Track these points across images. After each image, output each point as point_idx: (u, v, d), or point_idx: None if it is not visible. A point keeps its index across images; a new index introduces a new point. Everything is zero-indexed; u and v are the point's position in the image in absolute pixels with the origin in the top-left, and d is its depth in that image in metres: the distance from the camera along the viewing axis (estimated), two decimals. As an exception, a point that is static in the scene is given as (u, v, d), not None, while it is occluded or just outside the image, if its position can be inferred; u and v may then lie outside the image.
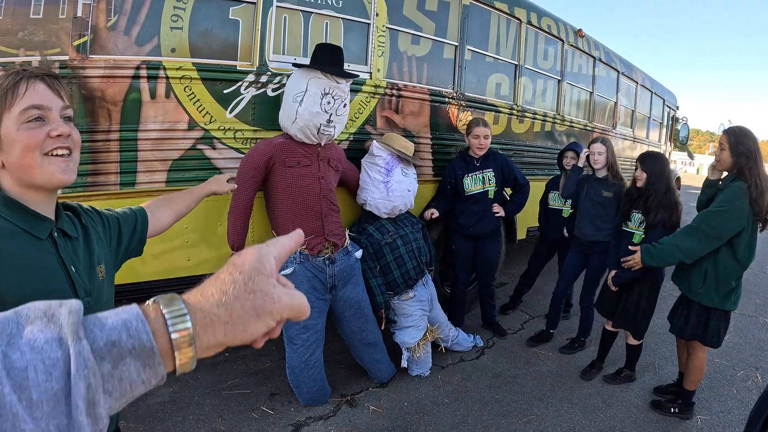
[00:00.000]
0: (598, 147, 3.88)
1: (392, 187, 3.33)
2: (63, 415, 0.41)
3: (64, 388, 0.42)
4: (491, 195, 3.94)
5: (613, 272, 3.45)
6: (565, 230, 4.45)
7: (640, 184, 3.30)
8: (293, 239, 0.59)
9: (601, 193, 3.87)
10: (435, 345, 3.85)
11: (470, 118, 4.12)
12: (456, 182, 3.90)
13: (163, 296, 0.50)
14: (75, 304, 0.47)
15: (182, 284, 3.14)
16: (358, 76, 3.21)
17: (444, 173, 3.95)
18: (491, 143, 3.88)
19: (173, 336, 0.48)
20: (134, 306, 0.49)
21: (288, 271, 2.85)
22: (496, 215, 4.01)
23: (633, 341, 3.53)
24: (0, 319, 0.43)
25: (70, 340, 0.43)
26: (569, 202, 4.39)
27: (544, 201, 4.74)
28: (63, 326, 0.44)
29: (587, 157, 3.94)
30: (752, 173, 2.72)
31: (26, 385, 0.41)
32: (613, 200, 3.79)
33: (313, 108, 2.76)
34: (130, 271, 2.89)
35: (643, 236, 3.30)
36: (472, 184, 3.88)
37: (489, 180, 3.90)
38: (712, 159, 3.09)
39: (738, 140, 2.78)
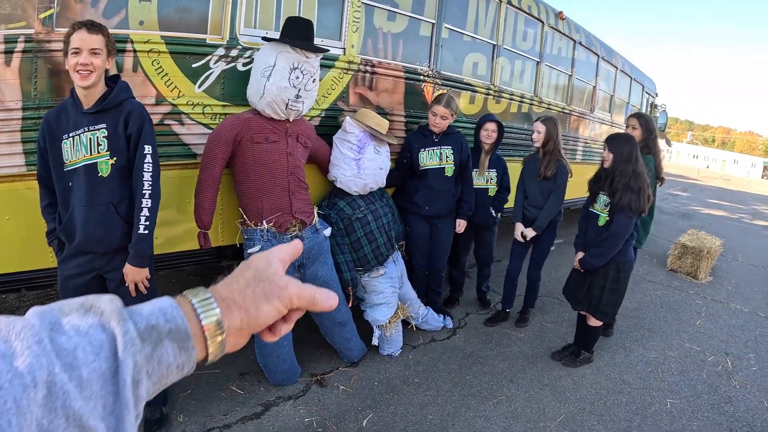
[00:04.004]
0: (538, 126, 3.93)
1: (364, 164, 3.28)
2: (110, 395, 0.44)
3: (111, 368, 0.45)
4: (448, 173, 3.78)
5: (580, 254, 3.46)
6: (492, 210, 4.26)
7: (606, 164, 3.29)
8: (293, 246, 0.65)
9: (537, 175, 3.92)
10: (405, 324, 3.85)
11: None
12: (411, 156, 3.75)
13: (190, 290, 0.55)
14: (113, 295, 0.50)
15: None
16: (328, 50, 3.13)
17: (402, 146, 3.82)
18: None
19: (203, 321, 0.53)
20: (166, 297, 0.53)
21: (255, 249, 2.81)
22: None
23: (594, 322, 3.51)
24: (37, 312, 0.45)
25: (114, 323, 0.46)
26: (494, 179, 4.20)
27: None
28: (104, 313, 0.47)
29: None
30: (655, 145, 4.02)
31: (76, 364, 0.43)
32: (551, 180, 3.87)
33: (281, 83, 2.69)
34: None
35: (608, 219, 3.28)
36: (428, 158, 3.73)
37: (447, 157, 3.76)
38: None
39: (647, 121, 4.03)
